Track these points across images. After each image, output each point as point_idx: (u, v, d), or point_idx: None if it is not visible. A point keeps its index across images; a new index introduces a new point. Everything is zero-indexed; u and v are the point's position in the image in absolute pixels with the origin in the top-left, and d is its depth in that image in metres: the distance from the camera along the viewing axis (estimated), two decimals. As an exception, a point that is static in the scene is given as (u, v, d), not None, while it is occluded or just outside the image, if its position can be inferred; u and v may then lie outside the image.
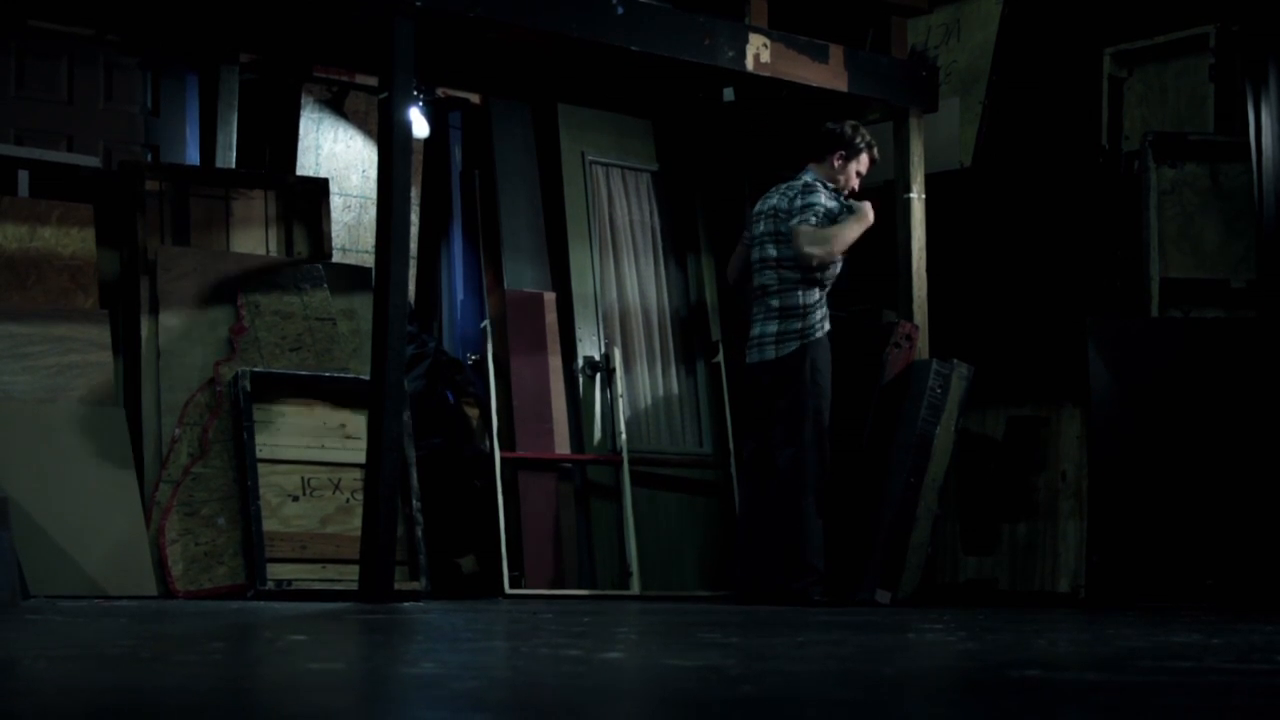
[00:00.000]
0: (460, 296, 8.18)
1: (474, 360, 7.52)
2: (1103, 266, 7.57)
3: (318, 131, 8.06)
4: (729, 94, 7.60)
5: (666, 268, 7.84)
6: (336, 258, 7.40)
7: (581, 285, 7.53)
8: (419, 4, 6.05)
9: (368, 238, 7.97)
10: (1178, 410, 6.91)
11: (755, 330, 6.93)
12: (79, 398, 6.27)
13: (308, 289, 6.84)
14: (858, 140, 6.97)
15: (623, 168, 7.81)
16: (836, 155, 6.95)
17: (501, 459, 7.10)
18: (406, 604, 5.76)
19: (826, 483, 6.74)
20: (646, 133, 7.94)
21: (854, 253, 6.93)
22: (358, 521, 6.23)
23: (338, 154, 8.09)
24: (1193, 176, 7.30)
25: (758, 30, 7.09)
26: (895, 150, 7.60)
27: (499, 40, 6.82)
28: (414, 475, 6.61)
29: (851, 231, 6.77)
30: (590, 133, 7.74)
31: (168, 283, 6.57)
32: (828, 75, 7.27)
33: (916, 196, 7.51)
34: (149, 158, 7.63)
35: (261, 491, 6.37)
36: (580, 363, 7.39)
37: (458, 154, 8.34)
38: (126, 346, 6.50)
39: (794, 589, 6.64)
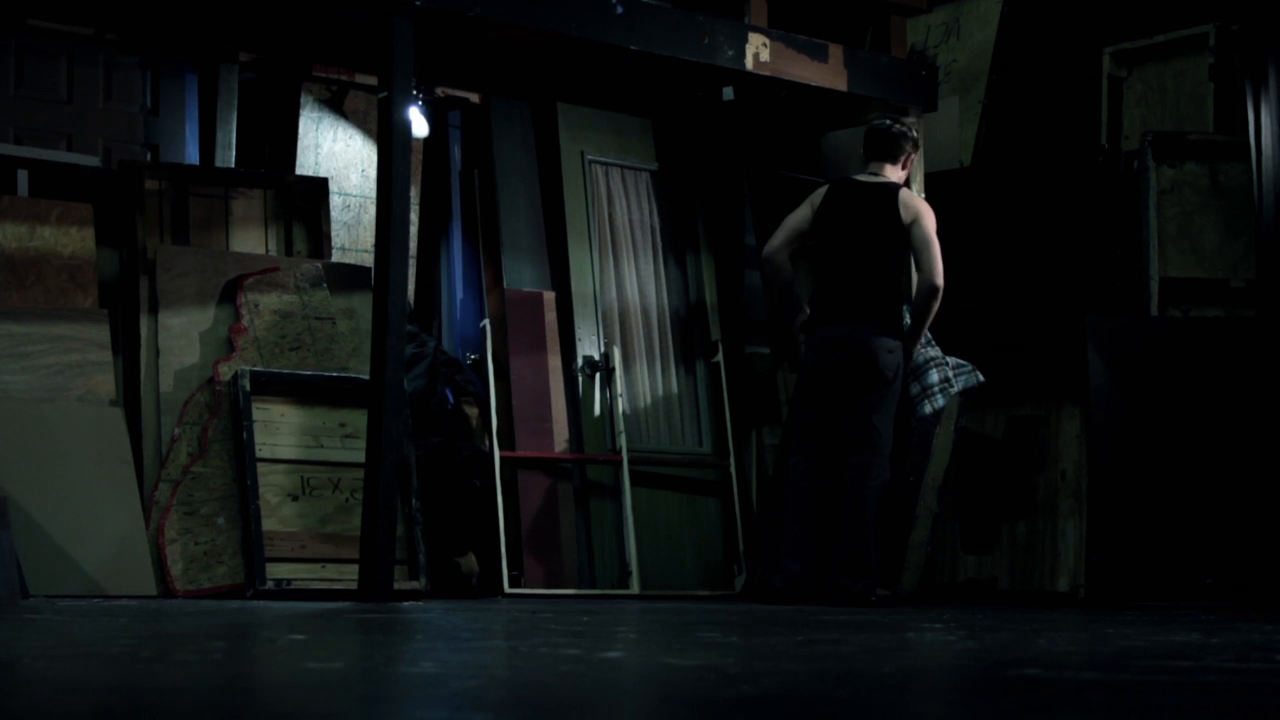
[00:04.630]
0: (460, 296, 8.18)
1: (473, 359, 7.52)
2: (1102, 266, 7.58)
3: (317, 131, 8.06)
4: (728, 93, 7.60)
5: (666, 267, 7.84)
6: (336, 257, 7.40)
7: (581, 285, 7.52)
8: (418, 3, 6.04)
9: (367, 237, 7.98)
10: (1177, 410, 6.91)
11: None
12: (78, 397, 6.27)
13: (307, 288, 6.84)
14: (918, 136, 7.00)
15: (622, 167, 7.81)
16: (910, 157, 6.91)
17: (501, 458, 7.10)
18: (406, 603, 5.76)
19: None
20: (646, 132, 7.94)
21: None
22: (357, 521, 6.23)
23: (337, 153, 8.10)
24: (1192, 176, 7.30)
25: (757, 29, 7.09)
26: (895, 149, 7.60)
27: (498, 39, 6.82)
28: (413, 475, 6.61)
29: None
30: (590, 132, 7.74)
31: (167, 282, 6.57)
32: (827, 74, 7.27)
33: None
34: (148, 157, 7.63)
35: (261, 491, 6.37)
36: (580, 362, 7.39)
37: (457, 153, 8.34)
38: (126, 346, 6.50)
39: (858, 589, 6.53)
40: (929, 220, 6.69)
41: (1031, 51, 8.23)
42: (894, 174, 6.82)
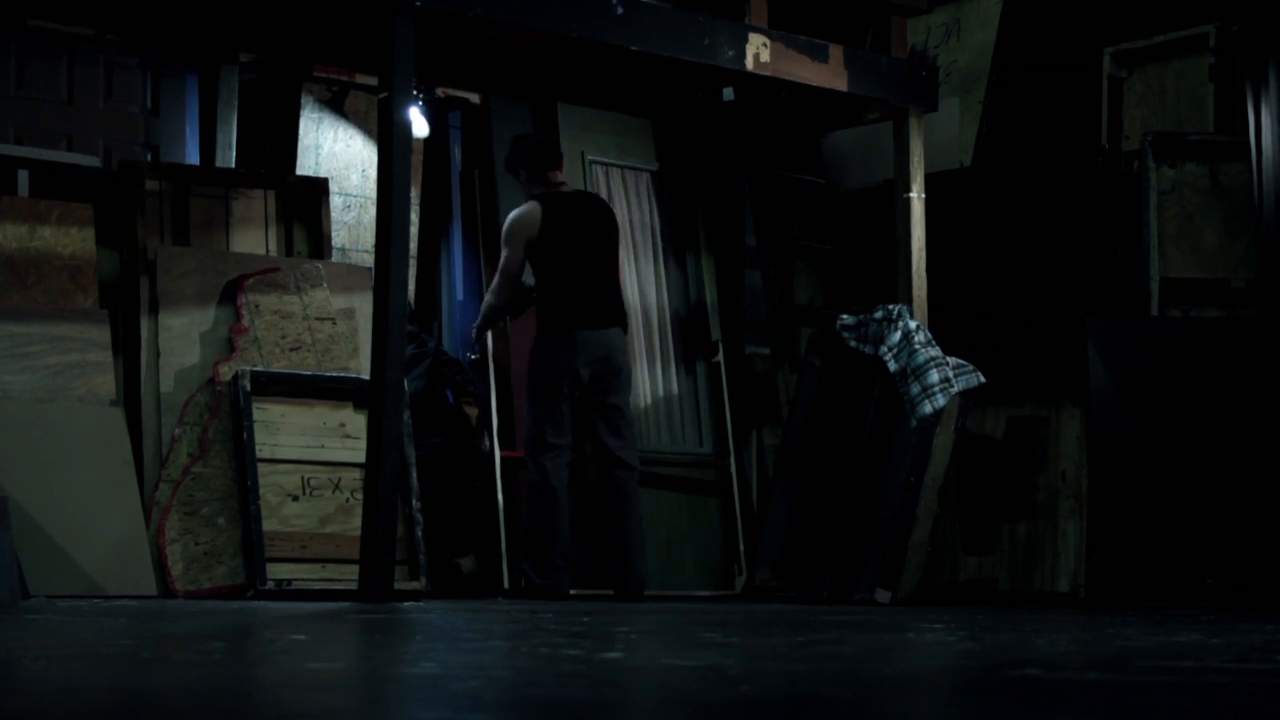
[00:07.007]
0: (460, 296, 8.18)
1: (474, 360, 7.52)
2: (1103, 266, 7.58)
3: (318, 131, 8.06)
4: (729, 93, 7.60)
5: (666, 267, 7.84)
6: (336, 257, 7.40)
7: (581, 285, 7.51)
8: (419, 3, 6.04)
9: (368, 237, 7.98)
10: (1177, 410, 6.91)
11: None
12: (79, 397, 6.27)
13: (308, 289, 6.84)
14: None
15: (622, 167, 7.81)
16: None
17: (501, 458, 7.10)
18: (406, 604, 5.76)
19: None
20: (646, 132, 7.94)
21: (855, 252, 6.91)
22: (357, 521, 6.23)
23: (338, 153, 8.10)
24: (1192, 176, 7.30)
25: (757, 30, 7.09)
26: (895, 150, 7.60)
27: (499, 40, 6.82)
28: (414, 475, 6.61)
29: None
30: (590, 132, 7.74)
31: (167, 282, 6.57)
32: (827, 75, 7.27)
33: (916, 196, 7.51)
34: (149, 157, 7.63)
35: (261, 491, 6.37)
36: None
37: (457, 153, 8.34)
38: (126, 346, 6.50)
39: (640, 591, 6.86)
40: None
41: (1032, 51, 8.24)
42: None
